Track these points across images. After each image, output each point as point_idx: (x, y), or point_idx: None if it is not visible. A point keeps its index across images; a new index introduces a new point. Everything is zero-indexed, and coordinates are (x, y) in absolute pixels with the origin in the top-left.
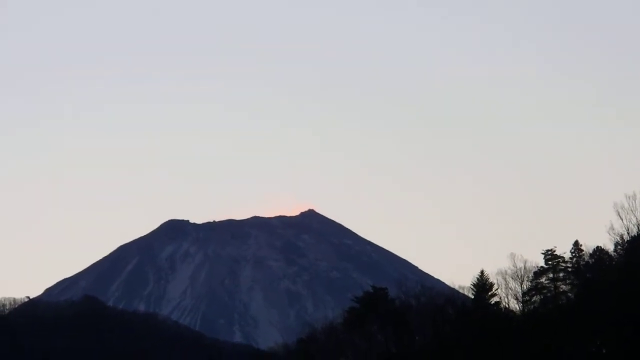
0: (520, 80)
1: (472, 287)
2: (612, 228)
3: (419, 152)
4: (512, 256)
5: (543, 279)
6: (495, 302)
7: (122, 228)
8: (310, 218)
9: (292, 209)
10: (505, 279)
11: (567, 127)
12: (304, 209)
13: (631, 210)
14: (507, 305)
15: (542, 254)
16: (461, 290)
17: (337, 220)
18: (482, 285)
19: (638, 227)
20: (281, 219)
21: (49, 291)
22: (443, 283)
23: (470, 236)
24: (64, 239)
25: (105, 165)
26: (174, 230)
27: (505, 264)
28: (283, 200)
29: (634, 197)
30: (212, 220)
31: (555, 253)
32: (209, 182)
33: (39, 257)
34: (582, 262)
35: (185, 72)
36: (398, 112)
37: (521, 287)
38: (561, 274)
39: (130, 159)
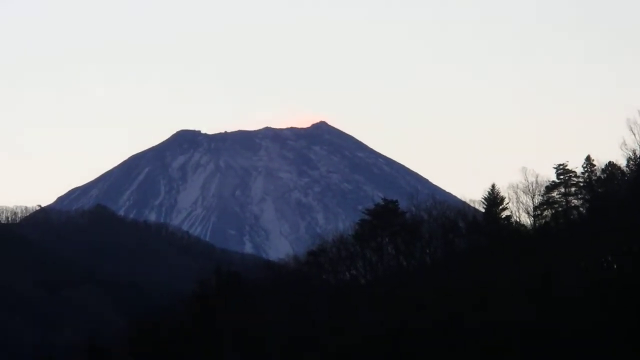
0: None
1: (483, 201)
2: (624, 143)
3: (431, 62)
4: (524, 170)
5: (554, 194)
6: (506, 216)
7: (134, 138)
8: (322, 130)
9: (304, 121)
10: (516, 193)
11: (583, 42)
12: (316, 120)
13: None
14: (518, 220)
15: (554, 168)
16: (472, 204)
17: (349, 133)
18: (493, 199)
19: None
20: (293, 130)
21: (60, 200)
22: (454, 196)
23: (482, 150)
24: (76, 148)
25: (118, 75)
26: (185, 140)
27: (517, 178)
28: (295, 112)
29: None
30: (223, 131)
31: (567, 167)
32: (221, 92)
33: (51, 165)
34: (593, 177)
35: None
36: (408, 19)
37: (532, 201)
38: (573, 189)
39: (143, 69)
